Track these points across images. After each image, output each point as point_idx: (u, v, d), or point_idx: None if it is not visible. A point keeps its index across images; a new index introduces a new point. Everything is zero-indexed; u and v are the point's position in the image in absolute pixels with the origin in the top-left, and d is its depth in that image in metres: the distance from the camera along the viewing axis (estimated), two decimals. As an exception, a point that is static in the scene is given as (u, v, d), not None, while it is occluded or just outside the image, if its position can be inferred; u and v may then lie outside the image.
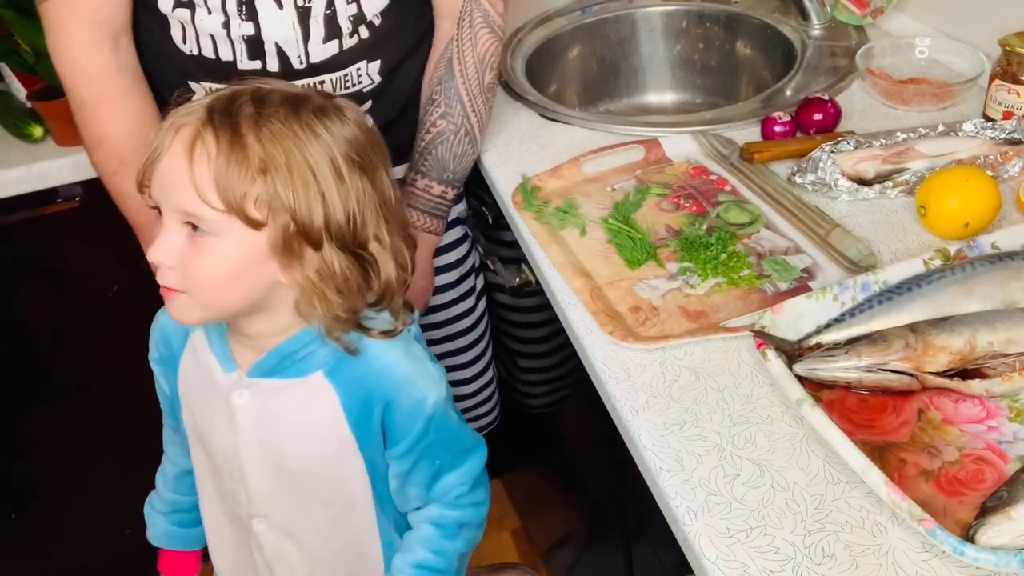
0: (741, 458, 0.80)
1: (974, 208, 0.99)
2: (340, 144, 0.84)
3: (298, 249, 0.83)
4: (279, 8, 1.06)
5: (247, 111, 0.82)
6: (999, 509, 0.70)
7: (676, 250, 1.06)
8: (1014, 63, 1.13)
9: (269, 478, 0.96)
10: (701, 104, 1.66)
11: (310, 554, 1.01)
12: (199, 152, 0.80)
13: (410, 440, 0.93)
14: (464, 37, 1.14)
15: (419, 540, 0.99)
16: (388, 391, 0.91)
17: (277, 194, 0.81)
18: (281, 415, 0.93)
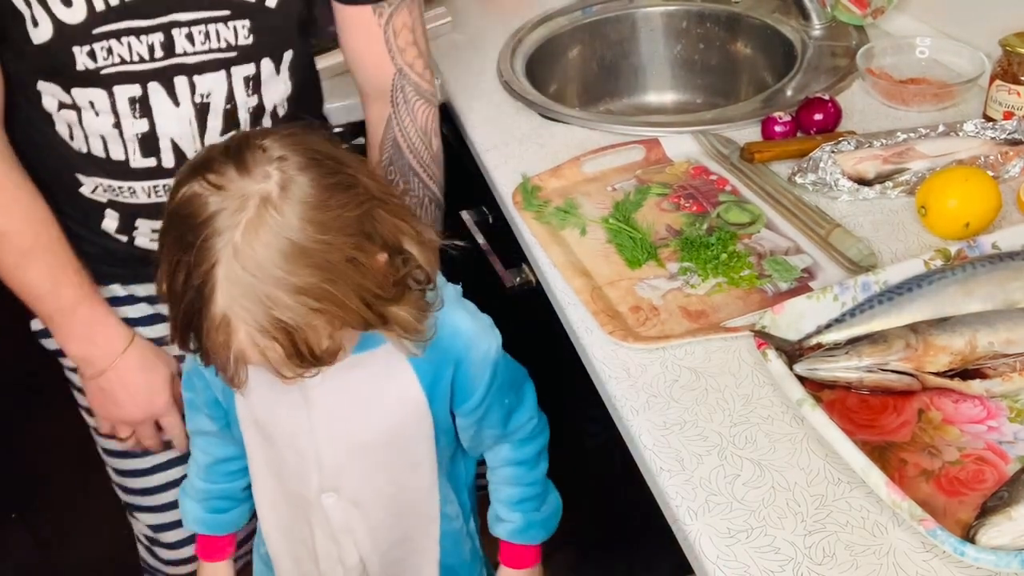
0: (741, 458, 0.80)
1: (974, 208, 0.99)
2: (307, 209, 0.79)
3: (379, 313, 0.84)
4: (175, 105, 1.03)
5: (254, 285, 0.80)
6: (999, 509, 0.70)
7: (676, 250, 1.06)
8: (1014, 63, 1.13)
9: (343, 452, 0.99)
10: (701, 104, 1.66)
11: (373, 520, 1.04)
12: (264, 352, 0.81)
13: (482, 390, 0.97)
14: (402, 114, 1.15)
15: (508, 480, 1.06)
16: (460, 351, 0.95)
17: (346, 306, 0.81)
18: (355, 389, 0.95)
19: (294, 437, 0.99)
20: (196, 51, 1.01)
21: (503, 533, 1.09)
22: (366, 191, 0.84)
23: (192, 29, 1.00)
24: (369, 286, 0.82)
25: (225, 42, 1.02)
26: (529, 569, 1.11)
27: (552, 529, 1.11)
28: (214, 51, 1.02)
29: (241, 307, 0.77)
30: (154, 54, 1.00)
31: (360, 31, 1.10)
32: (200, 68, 1.02)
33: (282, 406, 0.98)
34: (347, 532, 1.05)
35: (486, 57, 1.53)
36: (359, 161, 0.89)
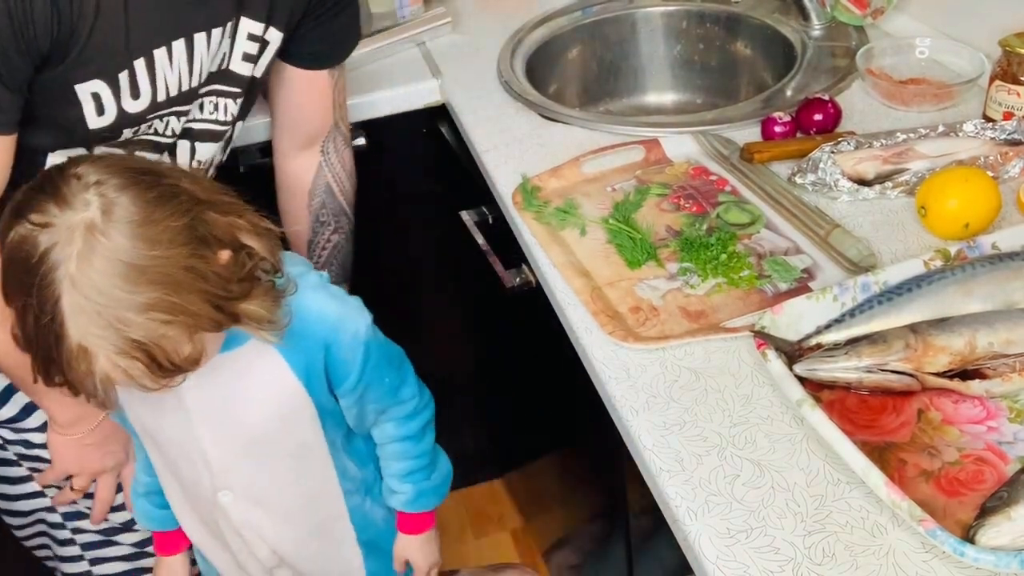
0: (741, 458, 0.80)
1: (974, 209, 0.99)
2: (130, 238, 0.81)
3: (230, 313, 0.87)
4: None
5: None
6: (999, 510, 0.70)
7: (676, 250, 1.06)
8: (1014, 64, 1.13)
9: (229, 451, 1.01)
10: (701, 104, 1.66)
11: (277, 512, 1.07)
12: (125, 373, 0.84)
13: (357, 370, 1.00)
14: (333, 161, 1.25)
15: (396, 455, 1.10)
16: (327, 335, 0.97)
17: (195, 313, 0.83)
18: (228, 388, 0.97)
19: (180, 443, 1.02)
20: (204, 119, 1.07)
21: (397, 504, 1.12)
22: (191, 197, 0.86)
23: (204, 100, 1.06)
24: (214, 289, 0.84)
25: (230, 115, 1.10)
26: (425, 533, 1.15)
27: (444, 494, 1.15)
28: (218, 123, 1.09)
29: (94, 335, 0.79)
30: (182, 127, 1.06)
31: (314, 91, 1.19)
32: (203, 136, 1.09)
33: (164, 413, 1.00)
34: (250, 528, 1.07)
35: (486, 57, 1.53)
36: (177, 169, 0.93)
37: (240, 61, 1.06)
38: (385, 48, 1.56)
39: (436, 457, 1.14)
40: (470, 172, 1.37)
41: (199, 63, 1.00)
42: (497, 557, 1.87)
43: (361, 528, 1.14)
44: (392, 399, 1.06)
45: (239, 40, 1.05)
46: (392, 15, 1.65)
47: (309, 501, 1.09)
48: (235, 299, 0.87)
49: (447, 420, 1.90)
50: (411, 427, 1.09)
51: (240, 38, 1.05)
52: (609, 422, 0.91)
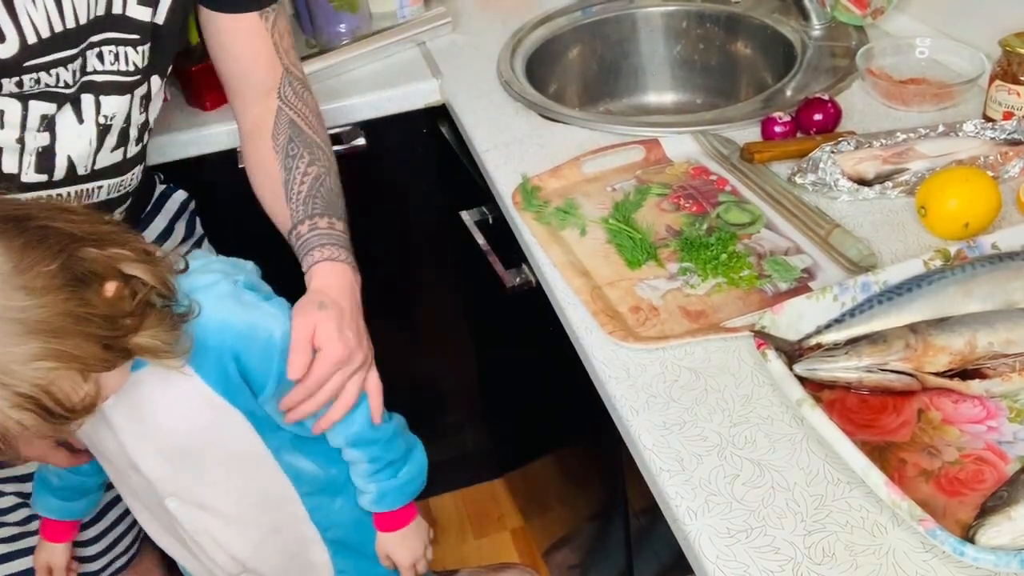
0: (741, 458, 0.80)
1: (974, 208, 0.99)
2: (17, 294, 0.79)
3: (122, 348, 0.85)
4: (79, 123, 1.02)
5: None
6: (999, 509, 0.70)
7: (676, 250, 1.06)
8: (1014, 64, 1.13)
9: (163, 462, 1.00)
10: (701, 104, 1.66)
11: (229, 517, 1.06)
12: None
13: (274, 377, 0.97)
14: (294, 102, 1.16)
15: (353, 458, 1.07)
16: (233, 343, 0.94)
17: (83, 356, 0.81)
18: (148, 403, 0.95)
19: (118, 456, 1.01)
20: (105, 70, 1.02)
21: (364, 504, 1.11)
22: (63, 235, 0.83)
23: (103, 49, 1.01)
24: (99, 331, 0.82)
25: (133, 65, 1.04)
26: (404, 529, 1.13)
27: (415, 490, 1.12)
28: (122, 73, 1.03)
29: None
30: (76, 78, 1.01)
31: (249, 37, 1.12)
32: (107, 88, 1.03)
33: (97, 430, 0.99)
34: (204, 534, 1.07)
35: (486, 57, 1.53)
36: (48, 206, 0.88)
37: (136, 5, 1.00)
38: (385, 48, 1.56)
39: (408, 453, 1.10)
40: (470, 172, 1.37)
41: (70, 4, 0.95)
42: (497, 557, 1.87)
43: (325, 528, 1.12)
44: (325, 409, 1.02)
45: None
46: (392, 15, 1.66)
47: (260, 505, 1.07)
48: (125, 335, 0.84)
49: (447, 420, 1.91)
50: (358, 431, 1.05)
51: None
52: (609, 422, 0.91)
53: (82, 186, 1.06)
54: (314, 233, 1.07)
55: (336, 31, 1.60)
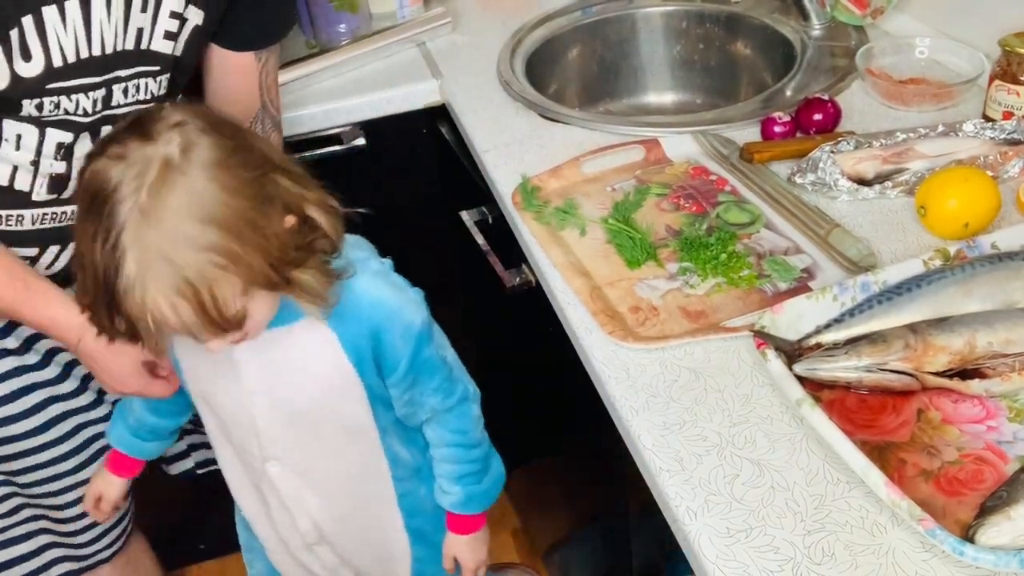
0: (741, 458, 0.80)
1: (974, 208, 0.99)
2: (217, 170, 0.83)
3: (284, 276, 0.87)
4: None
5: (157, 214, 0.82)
6: (999, 509, 0.70)
7: (676, 250, 1.06)
8: (1014, 63, 1.13)
9: (278, 422, 1.03)
10: (701, 104, 1.66)
11: (322, 488, 1.09)
12: (180, 309, 0.82)
13: (406, 362, 1.00)
14: None
15: (447, 458, 1.09)
16: (380, 322, 0.98)
17: (239, 267, 0.83)
18: (282, 361, 0.99)
19: (233, 410, 1.04)
20: (127, 103, 1.05)
21: (446, 505, 1.13)
22: (264, 156, 0.88)
23: (128, 84, 1.04)
24: (272, 249, 0.84)
25: (151, 94, 1.07)
26: (474, 534, 1.16)
27: (494, 497, 1.15)
28: (141, 103, 1.06)
29: (151, 269, 0.79)
30: (96, 108, 1.02)
31: (239, 72, 1.17)
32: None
33: (219, 380, 1.02)
34: (296, 500, 1.09)
35: (486, 57, 1.53)
36: (253, 132, 0.94)
37: (162, 39, 1.04)
38: (385, 48, 1.56)
39: (489, 462, 1.13)
40: (470, 172, 1.37)
41: (98, 29, 0.97)
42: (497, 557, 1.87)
43: (410, 514, 1.14)
44: (441, 402, 1.06)
45: (161, 17, 1.02)
46: (392, 15, 1.66)
47: (355, 480, 1.10)
48: (290, 264, 0.87)
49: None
50: (461, 433, 1.09)
51: (163, 15, 1.02)
52: (609, 422, 0.91)
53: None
54: None
55: (336, 31, 1.60)
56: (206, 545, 1.91)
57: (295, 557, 1.17)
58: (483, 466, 1.12)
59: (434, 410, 1.06)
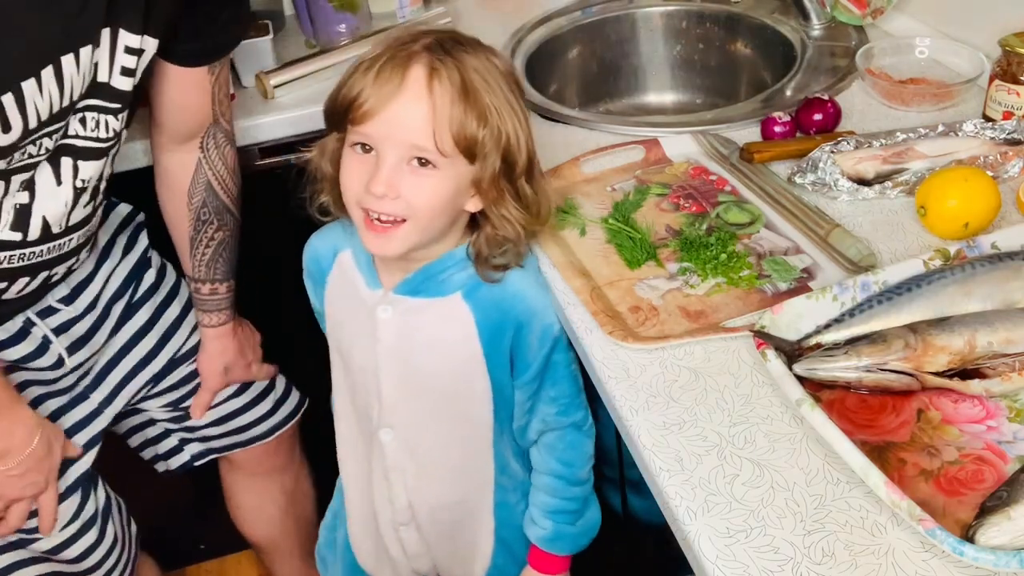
0: (741, 458, 0.80)
1: (974, 208, 0.99)
2: (513, 81, 0.94)
3: (499, 181, 0.94)
4: (57, 184, 1.03)
5: (460, 53, 0.91)
6: (999, 509, 0.70)
7: (676, 250, 1.06)
8: (1014, 63, 1.13)
9: (401, 390, 1.05)
10: (701, 104, 1.66)
11: (426, 468, 1.10)
12: (438, 93, 0.88)
13: (539, 363, 1.01)
14: (214, 159, 1.21)
15: (547, 489, 1.08)
16: (521, 315, 1.00)
17: (496, 136, 0.91)
18: (420, 331, 1.02)
19: (363, 369, 1.07)
20: (85, 135, 1.03)
21: (533, 537, 1.11)
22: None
23: (85, 114, 1.01)
24: (527, 142, 0.94)
25: (112, 132, 1.05)
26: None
27: (582, 545, 1.13)
28: (101, 140, 1.04)
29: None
30: (55, 141, 1.00)
31: (191, 88, 1.15)
32: (85, 154, 1.04)
33: (358, 339, 1.06)
34: (398, 471, 1.10)
35: (486, 57, 1.53)
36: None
37: (119, 76, 1.02)
38: (385, 48, 1.56)
39: (587, 506, 1.11)
40: (470, 172, 1.36)
41: (69, 84, 0.95)
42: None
43: (502, 523, 1.14)
44: (555, 417, 1.05)
45: (118, 54, 1.00)
46: (392, 15, 1.66)
47: (459, 471, 1.10)
48: (517, 179, 0.95)
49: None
50: (567, 465, 1.07)
51: (119, 52, 1.00)
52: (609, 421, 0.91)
53: (56, 242, 1.08)
54: (213, 298, 1.28)
55: (336, 31, 1.60)
56: (206, 545, 1.91)
57: (379, 534, 1.18)
58: (580, 507, 1.10)
59: (545, 424, 1.05)
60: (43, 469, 1.13)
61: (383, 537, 1.18)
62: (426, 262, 1.00)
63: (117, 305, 1.24)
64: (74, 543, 1.21)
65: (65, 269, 1.14)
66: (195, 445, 1.41)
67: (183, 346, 1.32)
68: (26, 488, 1.12)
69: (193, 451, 1.41)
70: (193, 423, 1.37)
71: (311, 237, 1.12)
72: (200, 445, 1.41)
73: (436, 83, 0.88)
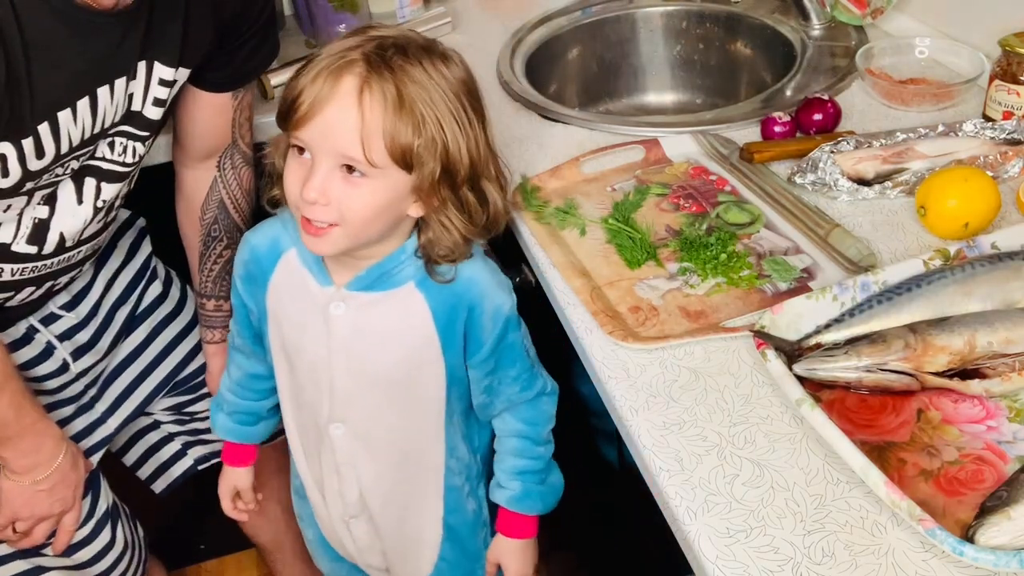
0: (741, 458, 0.80)
1: (974, 208, 0.99)
2: (463, 88, 0.94)
3: (439, 190, 0.93)
4: (78, 203, 1.05)
5: (399, 62, 0.89)
6: (998, 509, 0.70)
7: (676, 250, 1.06)
8: (1014, 63, 1.13)
9: (354, 384, 1.05)
10: (701, 104, 1.66)
11: (378, 457, 1.10)
12: (368, 104, 0.88)
13: (491, 343, 1.02)
14: (229, 178, 1.24)
15: (512, 451, 1.10)
16: (473, 298, 1.00)
17: (432, 144, 0.90)
18: (373, 324, 1.02)
19: (313, 366, 1.06)
20: (112, 159, 1.04)
21: (501, 499, 1.12)
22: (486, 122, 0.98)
23: (115, 139, 1.03)
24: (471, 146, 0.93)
25: (138, 157, 1.07)
26: (524, 540, 1.14)
27: (550, 505, 1.14)
28: (126, 164, 1.06)
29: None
30: (80, 162, 1.02)
31: (214, 110, 1.17)
32: (109, 177, 1.06)
33: (308, 334, 1.05)
34: (350, 465, 1.11)
35: (486, 57, 1.53)
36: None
37: (152, 106, 1.03)
38: (385, 48, 1.56)
39: (551, 468, 1.14)
40: (470, 172, 1.36)
41: (103, 113, 0.97)
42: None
43: (450, 510, 1.15)
44: (519, 393, 1.07)
45: (152, 86, 1.02)
46: (392, 15, 1.66)
47: (409, 457, 1.11)
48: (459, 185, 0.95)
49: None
50: (532, 425, 1.09)
51: (153, 83, 1.02)
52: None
53: (68, 254, 1.09)
54: (219, 314, 1.29)
55: (336, 31, 1.60)
56: (206, 545, 1.91)
57: (334, 528, 1.19)
58: (546, 466, 1.12)
59: (511, 402, 1.07)
60: (70, 483, 1.14)
61: (338, 533, 1.19)
62: (374, 260, 1.00)
63: (121, 312, 1.25)
64: (88, 544, 1.21)
65: (68, 279, 1.15)
66: (199, 448, 1.41)
67: (189, 355, 1.33)
68: (55, 504, 1.13)
69: (197, 455, 1.41)
70: (198, 426, 1.37)
71: (246, 235, 1.10)
72: (204, 448, 1.41)
73: (367, 94, 0.88)
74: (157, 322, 1.30)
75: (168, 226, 1.33)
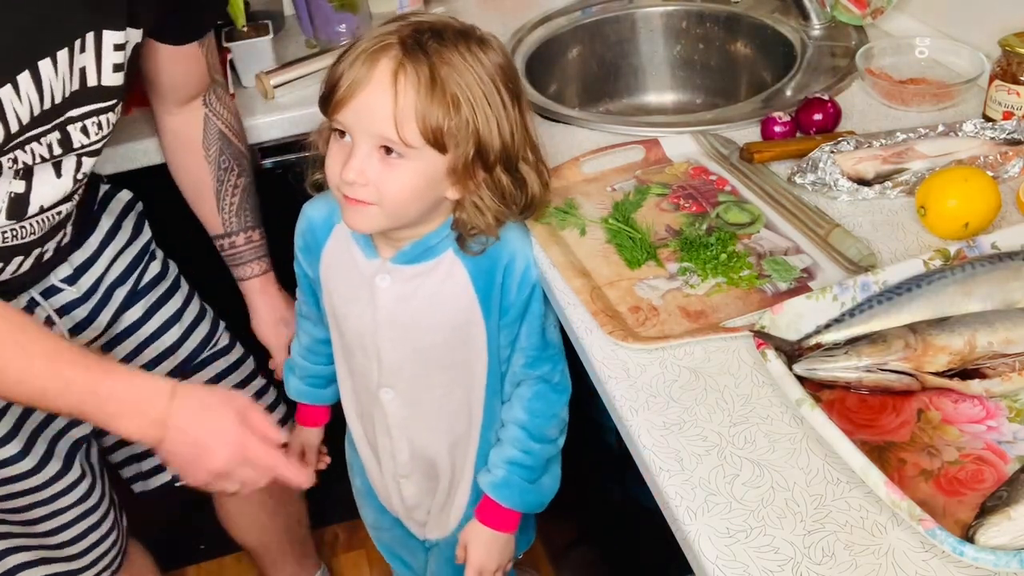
0: (741, 458, 0.80)
1: (974, 208, 0.99)
2: (500, 73, 0.96)
3: (473, 171, 0.97)
4: (57, 177, 1.04)
5: (434, 46, 0.92)
6: (999, 509, 0.70)
7: (676, 250, 1.06)
8: (1014, 63, 1.13)
9: (400, 351, 1.10)
10: (701, 104, 1.66)
11: (425, 419, 1.15)
12: (402, 86, 0.91)
13: (519, 306, 1.06)
14: (219, 110, 1.27)
15: (511, 440, 1.12)
16: (505, 256, 1.05)
17: (465, 126, 0.93)
18: (417, 294, 1.06)
19: (360, 335, 1.11)
20: (92, 141, 1.04)
21: (483, 482, 1.13)
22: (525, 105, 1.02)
23: (86, 122, 1.02)
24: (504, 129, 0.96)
25: (111, 126, 1.07)
26: (497, 533, 1.13)
27: (531, 506, 1.14)
28: (105, 137, 1.06)
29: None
30: (53, 151, 1.01)
31: (189, 61, 1.19)
32: (91, 153, 1.06)
33: (355, 304, 1.10)
34: (401, 428, 1.15)
35: (486, 57, 1.52)
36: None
37: (111, 74, 1.02)
38: (385, 48, 1.55)
39: (546, 472, 1.15)
40: (470, 172, 1.36)
41: (48, 87, 0.95)
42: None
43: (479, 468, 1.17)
44: (523, 369, 1.09)
45: (105, 54, 1.00)
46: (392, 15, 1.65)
47: (453, 417, 1.14)
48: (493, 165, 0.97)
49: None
50: (534, 414, 1.10)
51: (106, 52, 1.00)
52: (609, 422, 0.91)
53: (46, 214, 1.07)
54: (250, 246, 1.30)
55: (336, 31, 1.60)
56: (205, 545, 1.91)
57: (385, 484, 1.25)
58: (540, 466, 1.13)
59: (514, 374, 1.10)
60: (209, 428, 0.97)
61: (388, 488, 1.24)
62: (415, 239, 1.04)
63: (120, 291, 1.25)
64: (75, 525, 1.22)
65: (55, 245, 1.13)
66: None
67: (179, 341, 1.31)
68: (259, 472, 1.00)
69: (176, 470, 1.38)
70: None
71: (304, 207, 1.14)
72: None
73: (402, 76, 0.91)
74: (155, 299, 1.29)
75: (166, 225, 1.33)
